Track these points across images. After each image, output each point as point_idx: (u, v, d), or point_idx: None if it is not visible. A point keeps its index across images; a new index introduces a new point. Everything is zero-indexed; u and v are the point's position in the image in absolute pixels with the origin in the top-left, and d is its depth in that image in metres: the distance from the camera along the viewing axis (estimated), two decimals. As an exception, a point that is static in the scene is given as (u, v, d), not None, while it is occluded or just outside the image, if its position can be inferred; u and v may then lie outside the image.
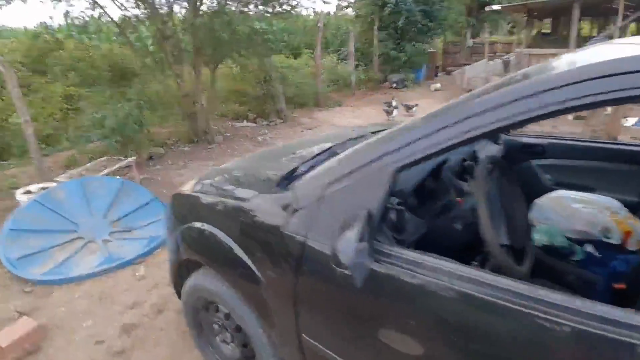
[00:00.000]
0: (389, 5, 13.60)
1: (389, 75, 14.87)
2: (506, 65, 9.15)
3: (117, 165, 5.30)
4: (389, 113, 10.53)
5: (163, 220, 3.11)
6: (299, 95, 11.23)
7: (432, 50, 18.82)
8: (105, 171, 5.11)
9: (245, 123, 9.45)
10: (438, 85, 14.12)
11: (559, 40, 15.56)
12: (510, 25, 29.59)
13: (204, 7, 7.26)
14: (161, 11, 6.92)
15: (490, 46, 26.34)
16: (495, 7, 15.16)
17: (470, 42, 25.80)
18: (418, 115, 1.86)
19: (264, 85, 9.60)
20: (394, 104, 10.70)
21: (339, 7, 18.45)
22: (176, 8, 7.24)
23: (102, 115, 6.01)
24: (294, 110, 10.72)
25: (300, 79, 11.37)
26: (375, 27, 14.18)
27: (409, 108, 9.59)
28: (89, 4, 7.08)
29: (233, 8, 7.41)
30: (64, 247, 3.73)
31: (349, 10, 16.49)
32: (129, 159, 5.49)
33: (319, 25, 10.98)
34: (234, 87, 10.06)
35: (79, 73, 9.70)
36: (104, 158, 5.81)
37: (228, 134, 8.40)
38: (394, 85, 14.49)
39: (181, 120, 7.81)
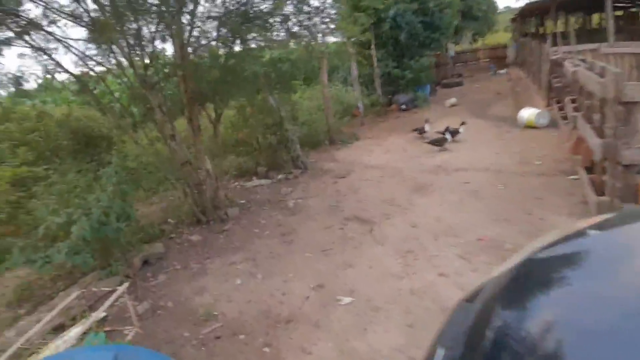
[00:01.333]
0: (387, 20, 12.15)
1: (394, 97, 13.28)
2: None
3: (99, 312, 3.13)
4: (421, 133, 8.81)
5: None
6: (308, 135, 9.36)
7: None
8: (78, 329, 2.93)
9: (256, 181, 7.41)
10: (453, 100, 12.59)
11: (593, 33, 14.53)
12: (473, 32, 29.28)
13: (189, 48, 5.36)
14: (141, 53, 4.95)
15: (473, 54, 25.68)
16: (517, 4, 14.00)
17: (452, 51, 25.02)
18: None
19: (273, 129, 7.65)
20: (427, 128, 8.98)
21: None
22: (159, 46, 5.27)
23: (65, 218, 3.85)
24: (307, 154, 8.80)
25: (307, 115, 9.52)
26: (372, 46, 12.67)
27: (454, 133, 7.83)
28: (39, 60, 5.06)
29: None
30: None
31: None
32: (119, 290, 3.32)
33: (322, 51, 9.27)
34: (235, 135, 8.06)
35: (32, 147, 7.50)
36: (75, 291, 3.62)
37: (242, 201, 6.33)
38: (403, 107, 12.88)
39: (182, 196, 5.69)
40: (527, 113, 8.21)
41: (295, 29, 6.16)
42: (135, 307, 3.63)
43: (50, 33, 4.99)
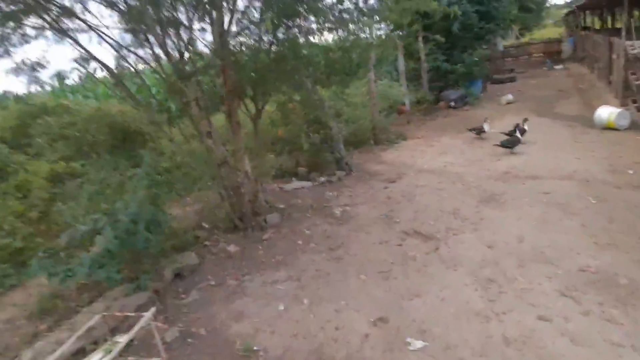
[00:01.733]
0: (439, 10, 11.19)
1: (443, 93, 12.27)
2: None
3: (123, 341, 2.60)
4: (479, 133, 7.87)
5: None
6: (352, 134, 8.65)
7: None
8: (99, 356, 2.42)
9: (296, 183, 6.80)
10: (510, 97, 11.41)
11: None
12: (519, 27, 27.22)
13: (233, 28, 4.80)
14: (177, 41, 4.44)
15: (523, 48, 23.89)
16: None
17: (501, 45, 23.40)
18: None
19: (316, 127, 7.02)
20: (486, 128, 8.02)
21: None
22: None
23: (91, 225, 3.39)
24: (352, 154, 8.10)
25: (352, 112, 8.81)
26: (420, 39, 11.73)
27: (522, 131, 6.82)
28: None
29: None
30: None
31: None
32: (145, 316, 2.78)
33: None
34: (274, 133, 7.49)
35: (69, 142, 7.31)
36: (100, 308, 3.15)
37: (282, 206, 5.73)
38: (452, 104, 11.85)
39: (218, 198, 5.16)
40: (607, 112, 7.06)
41: (345, 16, 5.48)
42: (163, 334, 3.10)
43: (84, 21, 4.61)
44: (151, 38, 4.67)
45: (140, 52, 5.00)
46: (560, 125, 8.01)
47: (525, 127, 7.04)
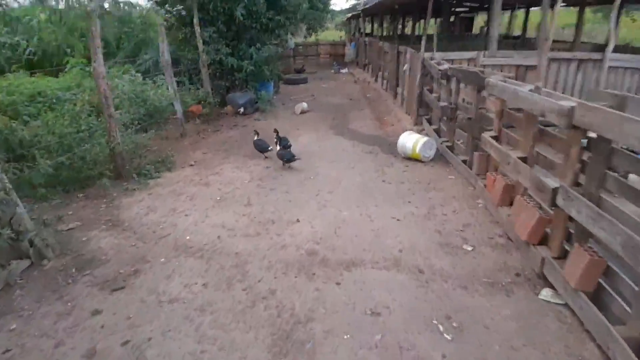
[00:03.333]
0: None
1: (229, 96, 9.72)
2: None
3: None
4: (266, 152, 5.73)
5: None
6: (68, 166, 5.02)
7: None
8: None
9: None
10: (304, 105, 9.89)
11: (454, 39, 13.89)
12: (306, 27, 28.22)
13: None
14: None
15: (312, 48, 24.11)
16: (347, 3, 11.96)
17: (292, 42, 22.88)
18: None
19: None
20: (277, 147, 5.89)
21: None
22: None
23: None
24: (55, 206, 4.53)
25: (64, 126, 5.13)
26: (196, 21, 8.75)
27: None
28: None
29: None
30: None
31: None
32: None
33: (90, 8, 4.90)
34: None
35: None
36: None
37: None
38: (241, 110, 9.48)
39: None
40: (411, 141, 6.05)
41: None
42: None
43: None
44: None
45: None
46: (361, 152, 6.70)
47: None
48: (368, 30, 24.39)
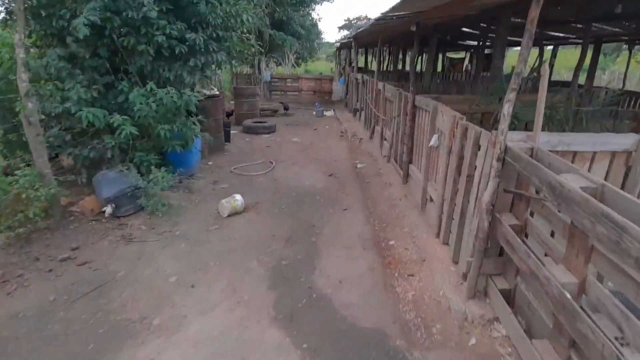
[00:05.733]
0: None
1: (94, 178, 5.00)
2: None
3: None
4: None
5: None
6: None
7: (214, 92, 10.01)
8: None
9: None
10: (239, 201, 5.13)
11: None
12: (295, 56, 24.10)
13: None
14: None
15: (292, 82, 19.76)
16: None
17: (267, 75, 18.58)
18: None
19: None
20: None
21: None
22: None
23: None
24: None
25: None
26: (18, 37, 4.16)
27: None
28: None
29: None
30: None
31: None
32: None
33: None
34: None
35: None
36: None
37: None
38: (107, 209, 4.71)
39: None
40: None
41: None
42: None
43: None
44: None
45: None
46: None
47: None
48: (361, 64, 20.07)
